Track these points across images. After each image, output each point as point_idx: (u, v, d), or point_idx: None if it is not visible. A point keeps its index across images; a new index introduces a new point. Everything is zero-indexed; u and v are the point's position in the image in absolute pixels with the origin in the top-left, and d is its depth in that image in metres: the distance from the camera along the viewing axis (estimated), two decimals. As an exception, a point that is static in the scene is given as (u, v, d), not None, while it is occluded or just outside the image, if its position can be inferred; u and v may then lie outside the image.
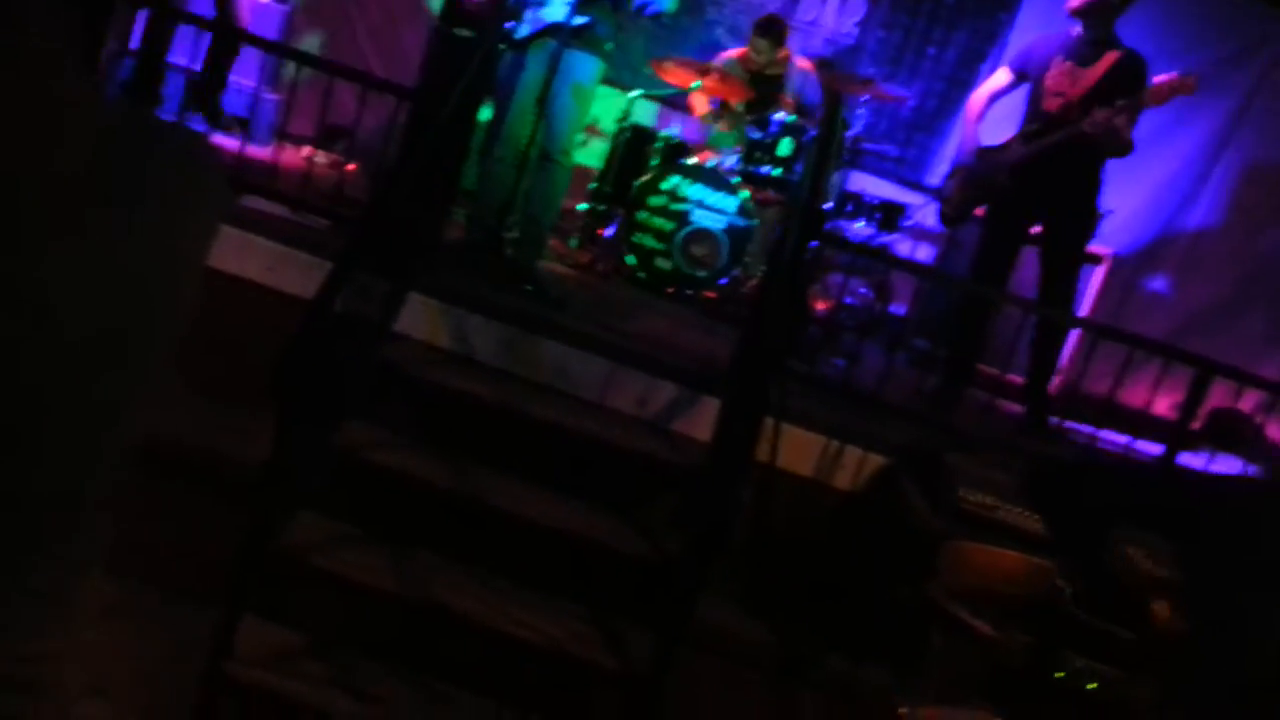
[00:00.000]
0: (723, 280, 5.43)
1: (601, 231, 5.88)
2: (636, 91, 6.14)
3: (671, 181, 5.43)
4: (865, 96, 5.52)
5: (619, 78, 6.30)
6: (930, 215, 6.68)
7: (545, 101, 4.28)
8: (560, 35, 4.23)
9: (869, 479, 3.71)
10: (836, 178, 5.70)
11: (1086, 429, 4.31)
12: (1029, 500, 3.38)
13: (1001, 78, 4.66)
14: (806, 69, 6.11)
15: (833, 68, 6.57)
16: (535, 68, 4.41)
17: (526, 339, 3.92)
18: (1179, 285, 6.51)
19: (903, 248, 6.62)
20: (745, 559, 3.62)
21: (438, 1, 6.24)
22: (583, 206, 6.01)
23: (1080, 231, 4.56)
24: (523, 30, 4.42)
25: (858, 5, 6.83)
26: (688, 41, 6.76)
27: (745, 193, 5.41)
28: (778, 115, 5.54)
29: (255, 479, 2.89)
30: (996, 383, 4.42)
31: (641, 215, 5.43)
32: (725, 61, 6.16)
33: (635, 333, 4.42)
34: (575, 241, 5.90)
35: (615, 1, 4.39)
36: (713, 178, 5.44)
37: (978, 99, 4.71)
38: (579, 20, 4.23)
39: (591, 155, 6.53)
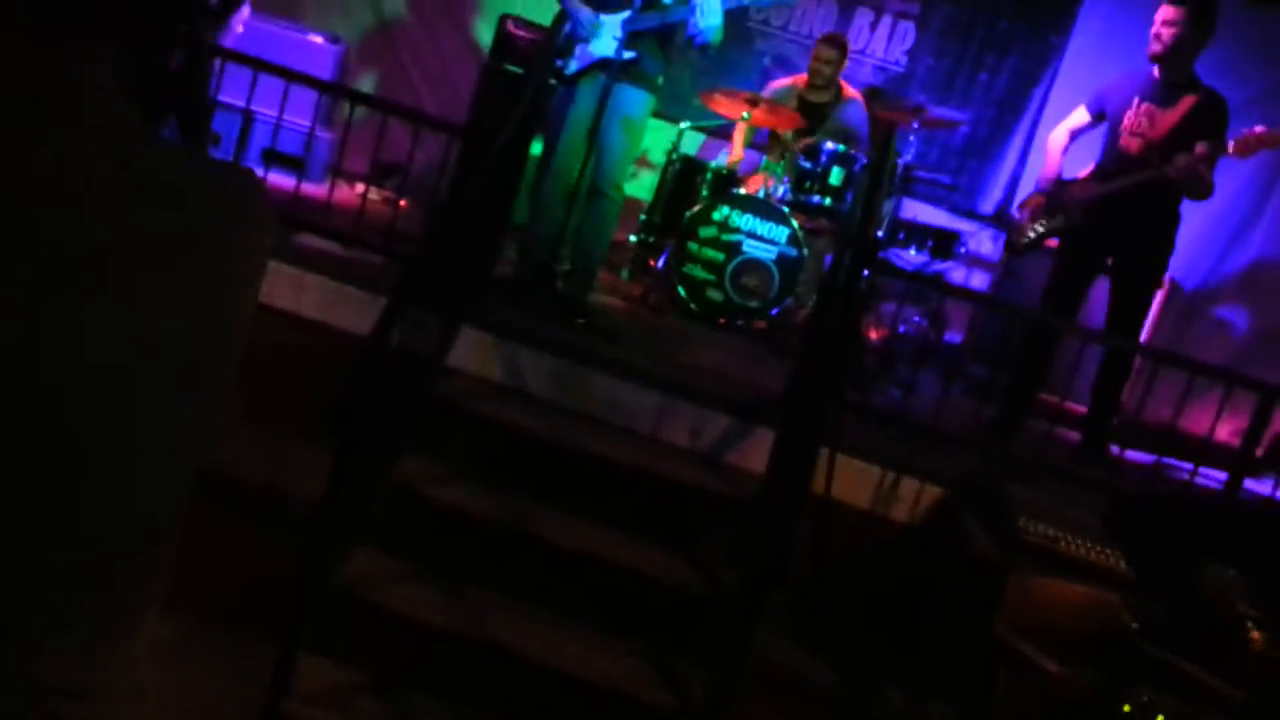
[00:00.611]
0: (774, 311, 5.40)
1: (652, 263, 5.88)
2: (685, 123, 6.15)
3: (722, 212, 5.42)
4: (915, 124, 5.49)
5: (668, 109, 6.32)
6: (985, 242, 6.63)
7: (595, 136, 4.30)
8: (609, 70, 4.25)
9: (927, 511, 3.65)
10: (888, 205, 5.66)
11: (1147, 457, 4.21)
12: (1095, 532, 3.31)
13: (1080, 116, 4.68)
14: (856, 98, 6.09)
15: (883, 96, 6.55)
16: (585, 102, 4.44)
17: (579, 372, 3.92)
18: (1239, 311, 6.37)
19: (957, 275, 6.55)
20: (801, 593, 3.57)
21: (489, 39, 6.35)
22: (633, 238, 6.02)
23: (1155, 269, 4.58)
24: (572, 66, 4.45)
25: (907, 33, 6.81)
26: (736, 72, 6.77)
27: (796, 223, 5.38)
28: (828, 144, 5.52)
29: (313, 514, 2.90)
30: (1056, 411, 4.34)
31: (692, 246, 5.42)
32: (776, 90, 6.15)
33: (687, 364, 4.41)
34: (626, 274, 5.91)
35: (663, 36, 4.41)
36: (763, 208, 5.42)
37: (1060, 133, 4.72)
38: (628, 55, 4.26)
39: (641, 187, 6.56)
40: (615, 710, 3.08)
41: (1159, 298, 5.89)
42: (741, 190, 5.58)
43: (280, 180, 4.98)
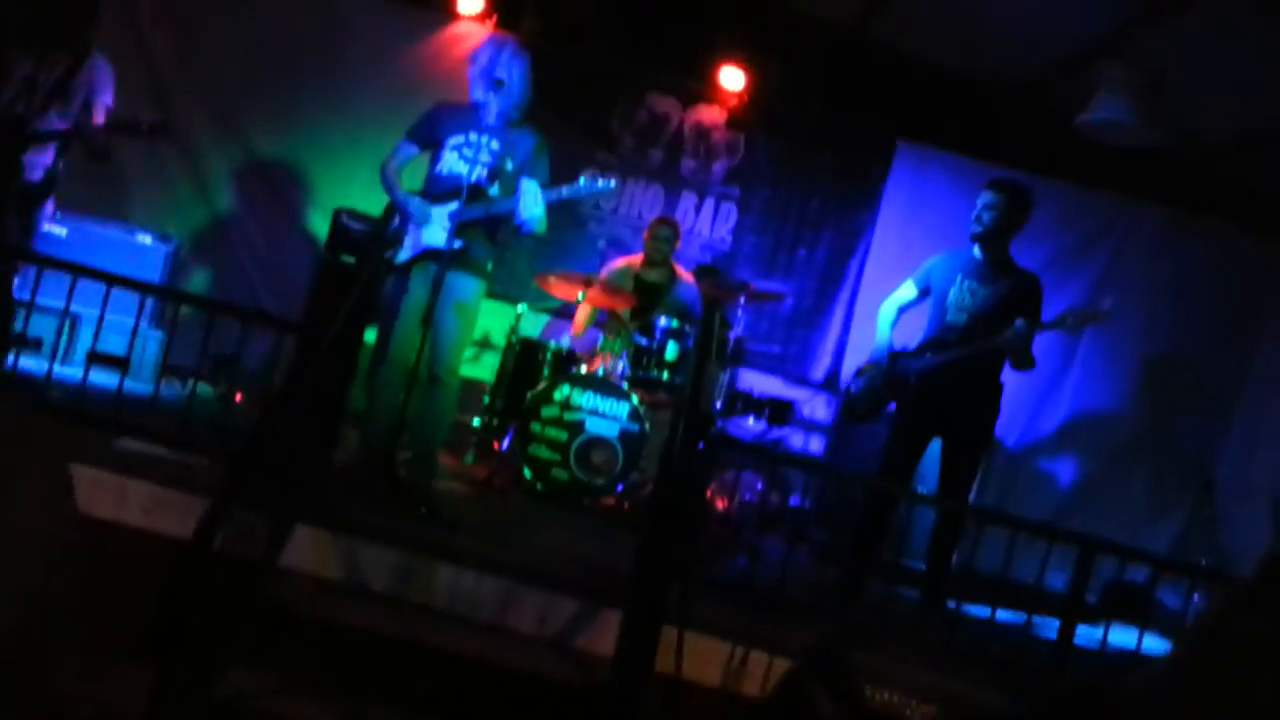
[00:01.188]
0: (620, 486, 5.43)
1: (497, 445, 5.87)
2: (523, 305, 6.27)
3: (563, 391, 5.49)
4: (742, 299, 5.73)
5: (506, 292, 6.46)
6: (819, 407, 6.88)
7: (429, 322, 4.34)
8: (440, 259, 4.33)
9: (776, 684, 3.64)
10: (725, 376, 5.84)
11: (983, 611, 4.34)
12: (941, 691, 3.35)
13: (908, 291, 4.98)
14: (687, 279, 6.34)
15: (714, 274, 6.84)
16: (418, 290, 4.49)
17: (421, 563, 3.83)
18: (1059, 464, 6.75)
19: (795, 440, 6.75)
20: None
21: (324, 230, 6.40)
22: (476, 421, 6.02)
23: (984, 433, 4.83)
24: (403, 255, 4.52)
25: (730, 213, 7.18)
26: (572, 254, 6.98)
27: (636, 398, 5.48)
28: (662, 321, 5.70)
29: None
30: (894, 569, 4.44)
31: (535, 427, 5.45)
32: (613, 270, 6.36)
33: (534, 548, 4.37)
34: (470, 457, 5.87)
35: (491, 225, 4.53)
36: (604, 385, 5.51)
37: (889, 308, 5.00)
38: (457, 244, 4.35)
39: (483, 368, 6.60)
40: None
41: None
42: (582, 369, 5.68)
43: (105, 381, 4.82)
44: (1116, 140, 5.82)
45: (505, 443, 5.76)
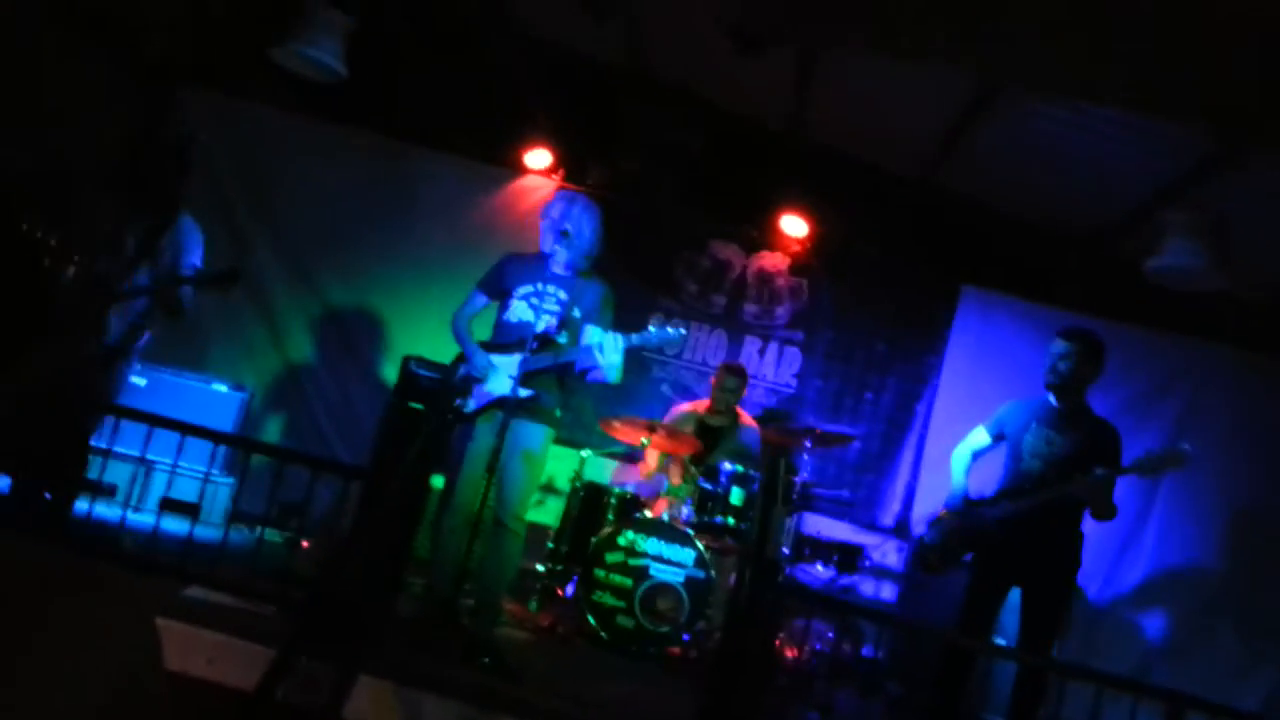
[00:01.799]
0: (686, 635, 5.31)
1: (560, 592, 5.80)
2: (587, 450, 6.28)
3: (628, 537, 5.44)
4: (808, 442, 5.68)
5: (571, 436, 6.48)
6: (890, 553, 6.72)
7: (495, 469, 4.35)
8: (506, 407, 4.37)
9: None
10: (791, 522, 5.75)
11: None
12: None
13: (980, 437, 4.92)
14: (751, 424, 6.33)
15: (776, 418, 6.82)
16: (484, 437, 4.52)
17: (485, 716, 3.75)
18: (1142, 614, 6.48)
19: (866, 587, 6.58)
20: None
21: (393, 377, 6.52)
22: (540, 567, 5.96)
23: (1064, 585, 4.69)
24: (470, 405, 4.57)
25: (794, 357, 7.20)
26: (636, 399, 7.02)
27: (701, 544, 5.41)
28: (726, 465, 5.66)
29: None
30: (976, 726, 4.26)
31: (599, 573, 5.38)
32: (677, 416, 6.37)
33: (599, 700, 4.26)
34: (534, 604, 5.80)
35: (560, 374, 4.59)
36: (668, 530, 5.45)
37: (962, 453, 4.94)
38: (524, 393, 4.39)
39: (547, 513, 6.58)
40: None
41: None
42: (646, 514, 5.63)
43: (176, 527, 4.89)
44: (1185, 285, 5.77)
45: (570, 589, 5.69)
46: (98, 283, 4.71)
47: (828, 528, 6.50)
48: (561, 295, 4.60)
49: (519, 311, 4.62)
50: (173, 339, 6.12)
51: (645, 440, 5.80)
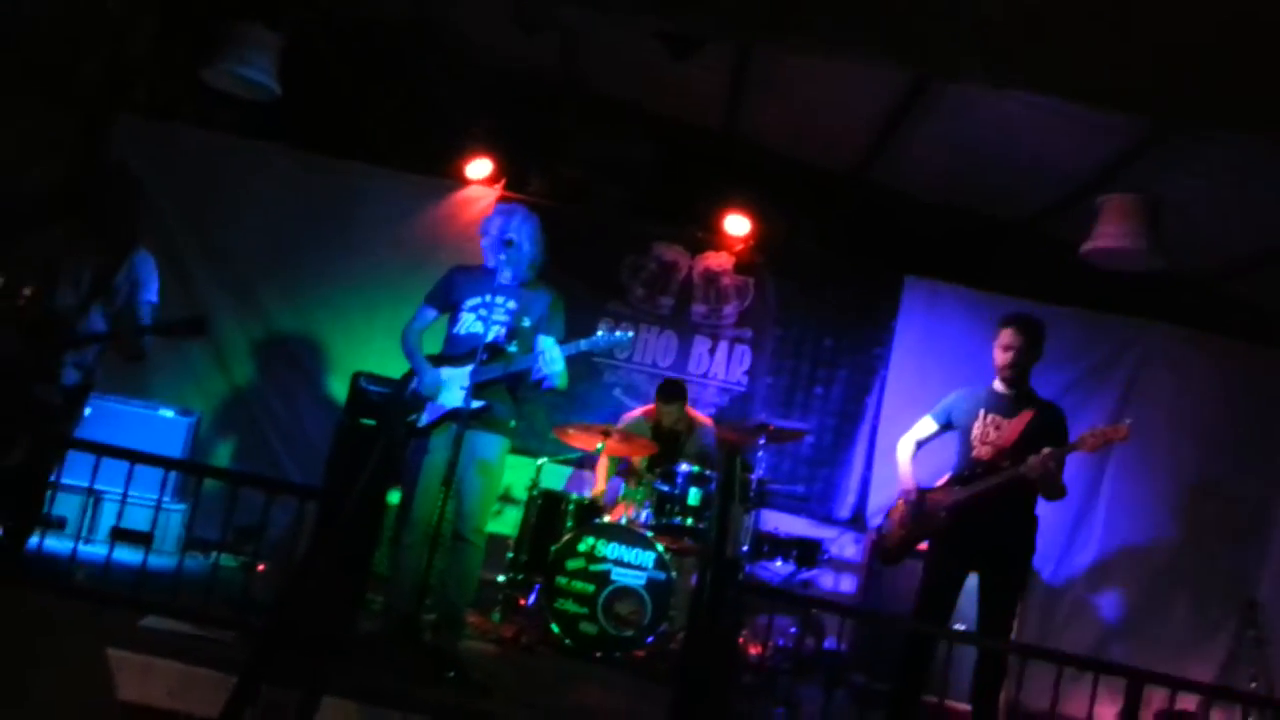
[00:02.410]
0: (650, 638, 5.32)
1: (523, 602, 5.79)
2: (543, 458, 6.27)
3: (587, 543, 5.44)
4: (762, 439, 5.72)
5: (525, 445, 6.46)
6: (848, 545, 6.79)
7: (452, 482, 4.33)
8: (460, 419, 4.35)
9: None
10: (748, 520, 5.79)
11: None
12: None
13: (927, 426, 4.97)
14: (706, 423, 6.36)
15: (729, 417, 6.86)
16: (439, 450, 4.51)
17: (451, 731, 3.73)
18: (1097, 592, 6.60)
19: (825, 581, 6.64)
20: None
21: (343, 394, 6.47)
22: (501, 578, 5.95)
23: (1020, 568, 4.76)
24: (424, 419, 4.55)
25: (744, 355, 7.24)
26: (589, 404, 7.02)
27: (661, 546, 5.43)
28: (683, 467, 5.69)
29: None
30: (938, 712, 4.30)
31: (561, 580, 5.38)
32: (630, 421, 6.39)
33: (566, 707, 4.28)
34: (497, 615, 5.78)
35: (511, 383, 4.58)
36: (627, 534, 5.46)
37: (906, 444, 4.98)
38: (477, 404, 4.39)
39: (505, 523, 6.55)
40: None
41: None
42: (605, 519, 5.64)
43: (129, 557, 4.81)
44: (1122, 266, 5.89)
45: (532, 598, 5.68)
46: (52, 323, 4.62)
47: (785, 523, 6.55)
48: (510, 305, 4.60)
49: (468, 324, 4.62)
50: (117, 366, 6.03)
51: (600, 446, 5.81)
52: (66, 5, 6.36)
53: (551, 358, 4.41)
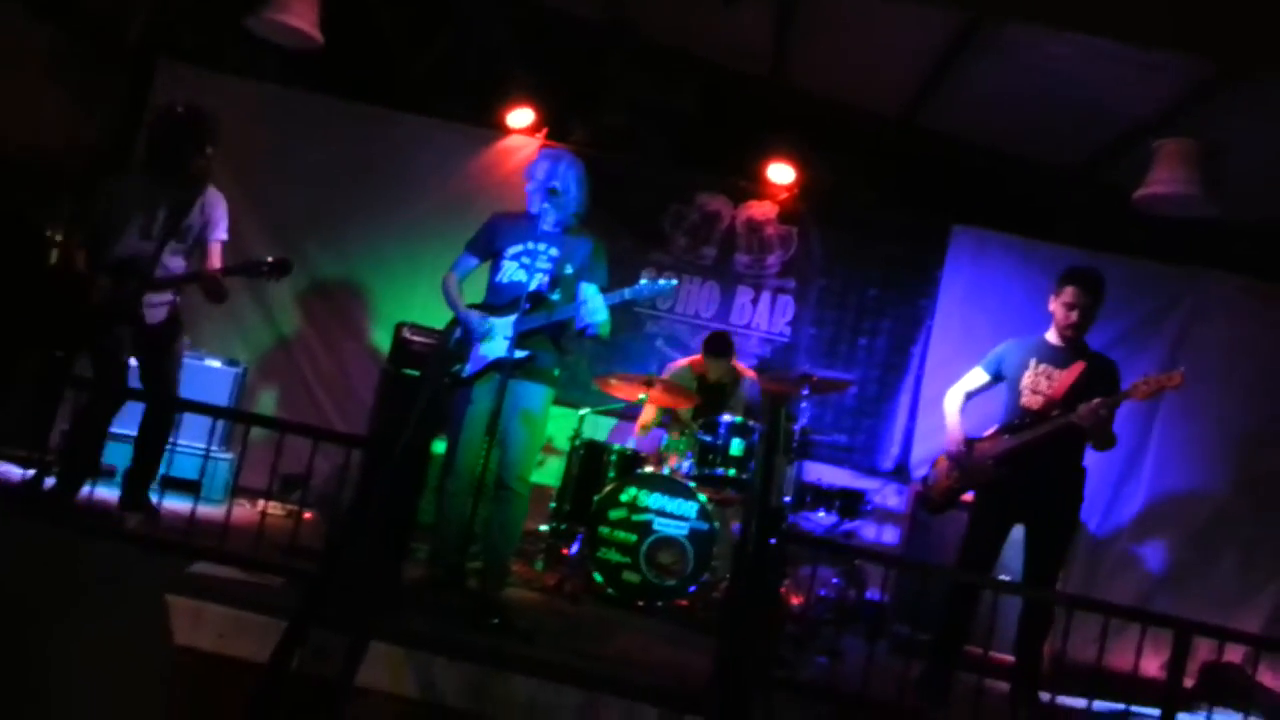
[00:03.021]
0: (692, 587, 5.34)
1: (566, 551, 5.82)
2: (586, 409, 6.27)
3: (630, 493, 5.45)
4: (806, 389, 5.68)
5: (567, 395, 6.46)
6: (890, 496, 6.75)
7: (496, 431, 4.34)
8: (504, 369, 4.35)
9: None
10: (791, 470, 5.76)
11: (1079, 701, 4.16)
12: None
13: (978, 377, 4.90)
14: (750, 376, 6.33)
15: (773, 367, 6.82)
16: (483, 400, 4.51)
17: (497, 677, 3.77)
18: (1143, 544, 6.53)
19: (868, 532, 6.62)
20: None
21: (387, 344, 6.50)
22: (544, 527, 5.98)
23: (1068, 519, 4.70)
24: (468, 369, 4.55)
25: (787, 306, 7.18)
26: (630, 355, 7.00)
27: (704, 496, 5.42)
28: (725, 418, 5.66)
29: None
30: (982, 662, 4.28)
31: (604, 530, 5.40)
32: (675, 370, 6.36)
33: (610, 655, 4.29)
34: (540, 564, 5.83)
35: (554, 332, 4.57)
36: (670, 485, 5.46)
37: (955, 395, 4.93)
38: (520, 354, 4.37)
39: (548, 474, 6.58)
40: None
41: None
42: (647, 469, 5.64)
43: (177, 505, 4.89)
44: (1176, 213, 5.75)
45: (574, 548, 5.71)
46: (133, 266, 4.71)
47: (828, 474, 6.52)
48: (553, 253, 4.57)
49: (510, 272, 4.60)
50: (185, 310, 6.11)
51: (643, 396, 5.80)
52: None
53: (595, 306, 4.38)
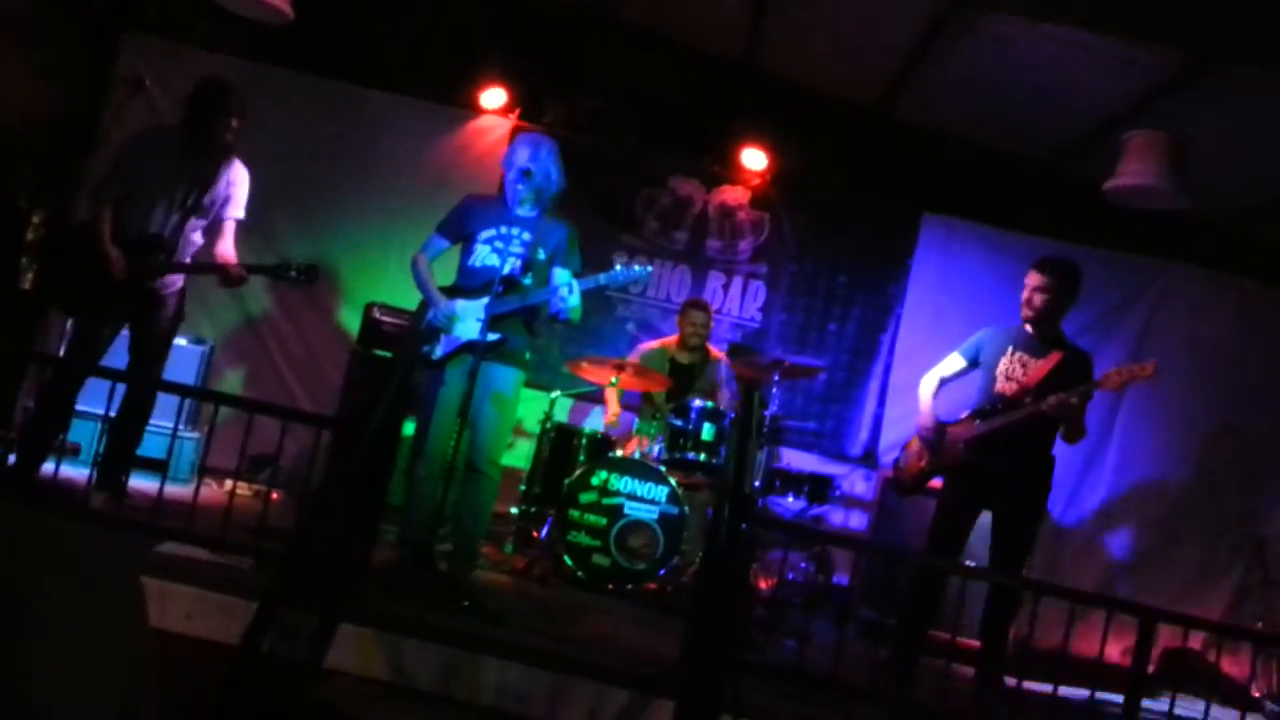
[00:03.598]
0: (662, 571, 5.35)
1: (536, 534, 5.82)
2: (556, 391, 6.26)
3: (600, 476, 5.45)
4: (776, 375, 5.70)
5: (538, 378, 6.45)
6: (858, 482, 6.80)
7: (467, 414, 4.32)
8: (476, 351, 4.33)
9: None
10: (761, 455, 5.78)
11: (1044, 686, 4.21)
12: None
13: (955, 363, 4.94)
14: (721, 358, 6.33)
15: (743, 352, 6.84)
16: (455, 382, 4.48)
17: (467, 659, 3.76)
18: (1107, 532, 6.62)
19: (835, 517, 6.66)
20: None
21: (355, 325, 6.45)
22: (514, 510, 5.97)
23: (1036, 506, 4.75)
24: (439, 351, 4.52)
25: (758, 291, 7.20)
26: (601, 338, 7.00)
27: (674, 480, 5.43)
28: (696, 402, 5.67)
29: None
30: (948, 647, 4.33)
31: (574, 514, 5.40)
32: (646, 353, 6.35)
33: (579, 638, 4.30)
34: (510, 547, 5.82)
35: (527, 317, 4.55)
36: (640, 469, 5.47)
37: (930, 379, 4.96)
38: (493, 337, 4.35)
39: (518, 456, 6.57)
40: None
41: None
42: (618, 453, 5.64)
43: (143, 485, 4.83)
44: (1145, 205, 5.80)
45: (544, 531, 5.70)
46: (154, 242, 4.73)
47: (797, 459, 6.56)
48: (525, 237, 4.54)
49: (483, 256, 4.57)
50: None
51: (614, 380, 5.79)
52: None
53: (567, 292, 4.36)
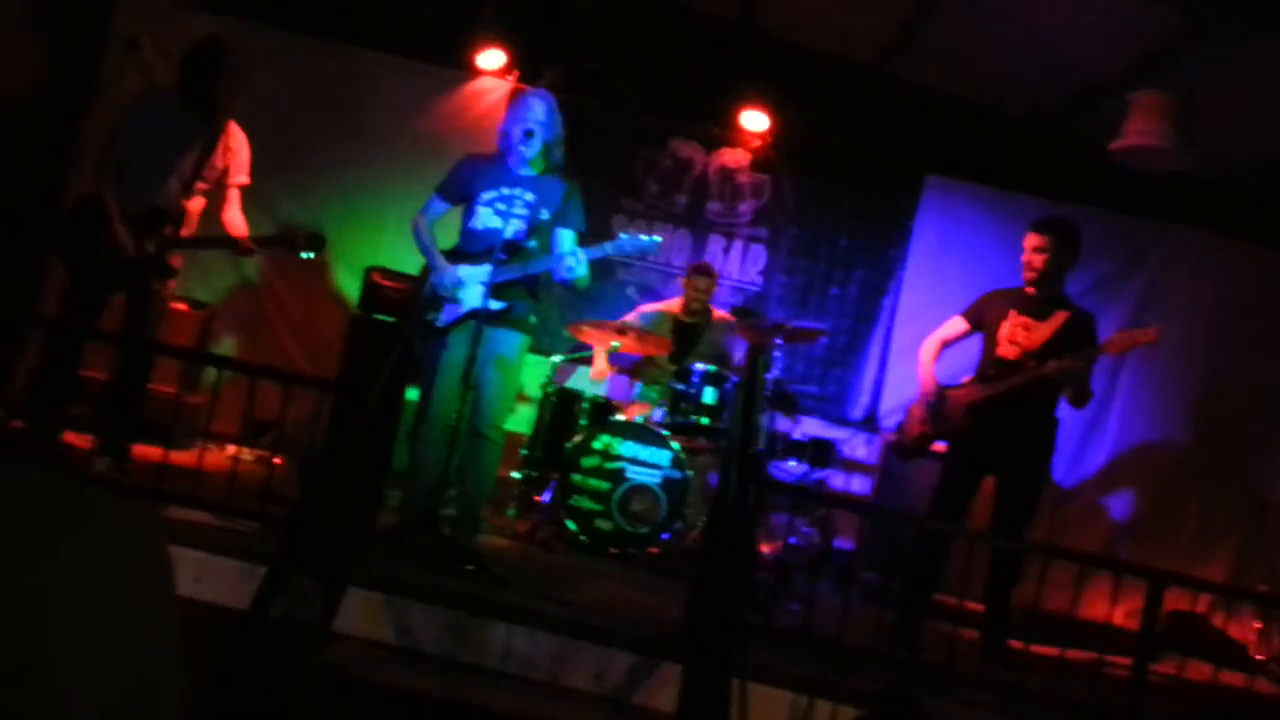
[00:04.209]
0: (665, 535, 5.36)
1: (538, 498, 5.82)
2: (558, 356, 6.23)
3: (603, 440, 5.44)
4: (779, 339, 5.67)
5: (540, 343, 6.42)
6: (860, 446, 6.80)
7: (470, 378, 4.30)
8: (479, 317, 4.29)
9: (848, 733, 3.55)
10: (763, 419, 5.77)
11: (1049, 650, 4.23)
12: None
13: (957, 326, 4.90)
14: (727, 319, 6.30)
15: (752, 315, 6.80)
16: (458, 347, 4.45)
17: (472, 623, 3.78)
18: (1109, 495, 6.63)
19: (837, 481, 6.67)
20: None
21: (353, 289, 6.41)
22: (516, 474, 5.96)
23: (1040, 469, 4.74)
24: (442, 319, 4.49)
25: (759, 255, 7.16)
26: (601, 302, 6.96)
27: (677, 444, 5.42)
28: (698, 366, 5.65)
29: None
30: (954, 610, 4.34)
31: (576, 478, 5.40)
32: (649, 315, 6.31)
33: (583, 602, 4.31)
34: (513, 511, 5.82)
35: (530, 282, 4.51)
36: (643, 432, 5.46)
37: (931, 343, 4.93)
38: (496, 305, 4.31)
39: (520, 421, 6.54)
40: None
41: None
42: (620, 417, 5.63)
43: (147, 450, 4.82)
44: (1150, 165, 5.76)
45: (546, 495, 5.70)
46: (159, 216, 4.68)
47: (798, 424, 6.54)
48: (528, 198, 4.49)
49: (485, 218, 4.51)
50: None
51: (616, 344, 5.77)
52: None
53: (573, 262, 4.31)
